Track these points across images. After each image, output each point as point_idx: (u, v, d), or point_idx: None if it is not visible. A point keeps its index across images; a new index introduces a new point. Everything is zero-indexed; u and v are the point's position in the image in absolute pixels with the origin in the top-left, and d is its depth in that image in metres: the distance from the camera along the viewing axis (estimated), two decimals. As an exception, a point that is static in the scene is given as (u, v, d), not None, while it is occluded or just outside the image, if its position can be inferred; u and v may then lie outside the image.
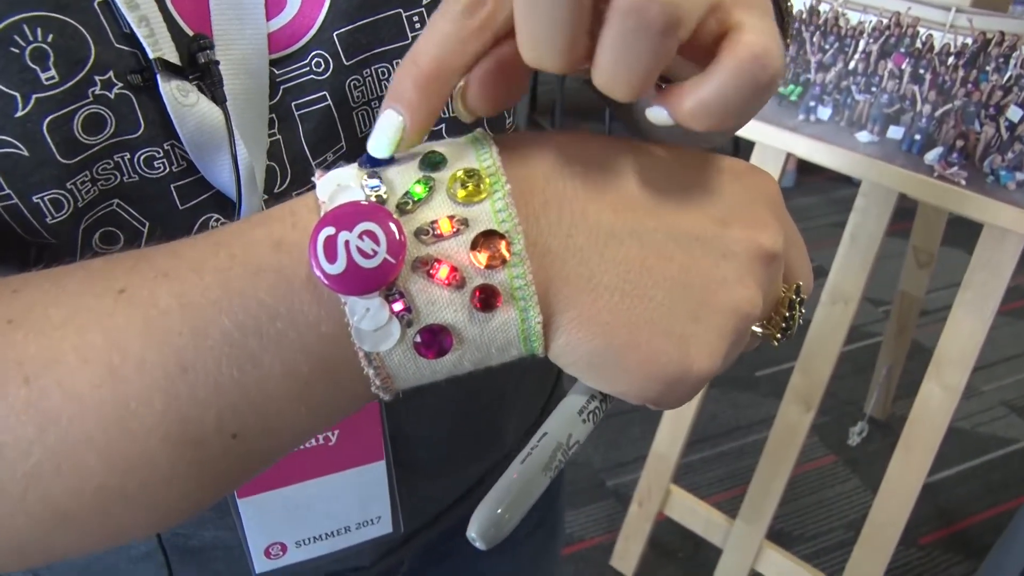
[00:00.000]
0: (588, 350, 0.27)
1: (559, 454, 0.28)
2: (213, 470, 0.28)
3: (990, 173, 1.10)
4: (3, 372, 0.26)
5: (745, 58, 0.25)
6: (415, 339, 0.26)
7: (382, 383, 0.27)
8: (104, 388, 0.26)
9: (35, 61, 0.31)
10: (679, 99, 0.26)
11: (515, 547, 0.69)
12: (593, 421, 0.30)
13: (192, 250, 0.28)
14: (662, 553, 1.66)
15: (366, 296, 0.26)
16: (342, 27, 0.36)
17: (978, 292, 1.14)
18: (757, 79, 0.25)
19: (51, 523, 0.27)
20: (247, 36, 0.35)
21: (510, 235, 0.26)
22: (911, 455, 1.23)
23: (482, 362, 0.28)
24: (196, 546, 0.50)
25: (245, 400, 0.27)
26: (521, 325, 0.27)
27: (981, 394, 2.04)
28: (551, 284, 0.27)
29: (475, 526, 0.27)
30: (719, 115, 0.26)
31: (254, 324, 0.26)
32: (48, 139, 0.32)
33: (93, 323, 0.26)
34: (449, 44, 0.26)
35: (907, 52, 1.16)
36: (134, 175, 0.35)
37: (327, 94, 0.37)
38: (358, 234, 0.25)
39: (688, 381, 0.28)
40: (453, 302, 0.26)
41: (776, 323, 0.33)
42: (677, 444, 1.48)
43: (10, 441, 0.26)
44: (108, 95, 0.33)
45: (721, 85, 0.25)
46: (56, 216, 0.34)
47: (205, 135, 0.35)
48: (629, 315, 0.27)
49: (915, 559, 1.66)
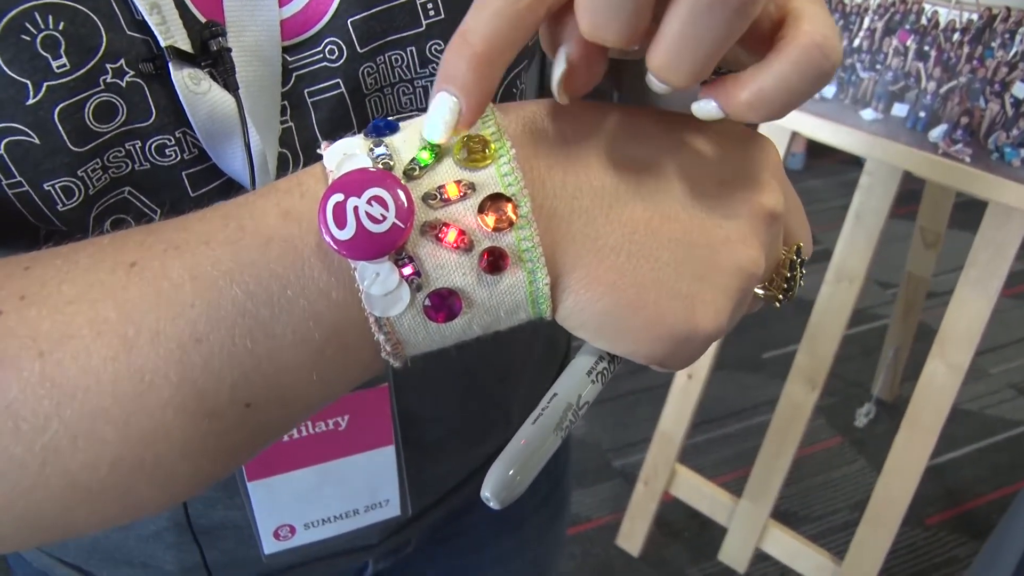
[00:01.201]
0: (596, 310, 0.28)
1: (569, 414, 0.29)
2: (227, 441, 0.28)
3: (995, 150, 1.10)
4: (18, 348, 0.26)
5: (808, 47, 0.24)
6: (425, 303, 0.27)
7: (392, 349, 0.28)
8: (119, 361, 0.26)
9: (46, 49, 0.31)
10: (735, 90, 0.26)
11: (521, 524, 0.69)
12: (602, 382, 0.30)
13: (201, 223, 0.28)
14: (668, 532, 1.67)
15: (376, 261, 0.26)
16: (356, 14, 0.36)
17: (983, 270, 1.14)
18: (820, 68, 0.25)
19: (69, 497, 0.27)
20: (259, 22, 0.35)
21: (516, 198, 0.27)
22: (916, 434, 1.23)
23: (491, 326, 0.28)
24: (205, 525, 0.50)
25: (258, 370, 0.27)
26: (529, 287, 0.27)
27: (988, 376, 2.04)
28: (558, 246, 0.27)
29: (489, 486, 0.27)
30: (779, 106, 0.26)
31: (265, 293, 0.26)
32: (59, 127, 0.32)
33: (106, 297, 0.26)
34: (503, 22, 0.25)
35: (912, 29, 1.16)
36: (145, 163, 0.35)
37: (340, 81, 0.37)
38: (367, 200, 0.26)
39: (695, 340, 0.28)
40: (462, 265, 0.26)
41: (778, 284, 0.33)
42: (683, 424, 1.48)
43: (27, 415, 0.26)
44: (120, 83, 0.33)
45: (783, 75, 0.25)
46: (67, 203, 0.34)
47: (217, 123, 0.35)
48: (635, 275, 0.27)
49: (921, 539, 1.67)
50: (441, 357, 0.50)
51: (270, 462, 0.48)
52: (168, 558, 0.52)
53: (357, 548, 0.57)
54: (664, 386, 1.54)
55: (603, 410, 1.95)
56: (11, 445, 0.26)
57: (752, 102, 0.26)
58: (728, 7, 0.23)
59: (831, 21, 0.25)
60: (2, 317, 0.26)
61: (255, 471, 0.48)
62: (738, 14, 0.23)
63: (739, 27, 0.23)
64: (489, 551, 0.68)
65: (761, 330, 2.16)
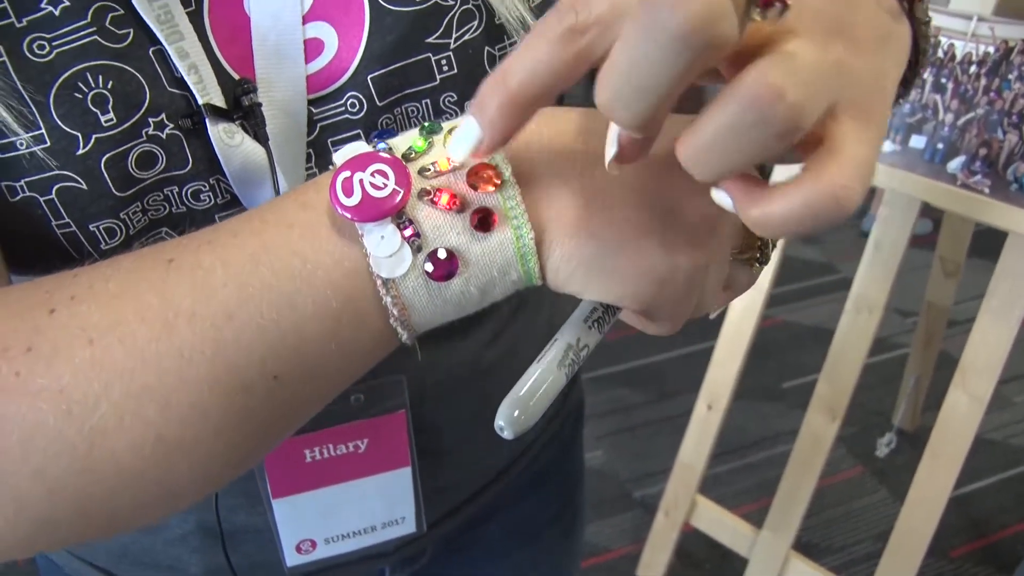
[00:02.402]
0: (581, 257, 0.30)
1: (571, 353, 0.32)
2: (258, 417, 0.31)
3: (1014, 181, 1.10)
4: (69, 338, 0.29)
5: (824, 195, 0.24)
6: (425, 265, 0.30)
7: (399, 314, 0.31)
8: (161, 341, 0.29)
9: (96, 105, 0.35)
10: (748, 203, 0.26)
11: (536, 536, 0.70)
12: (599, 329, 0.33)
13: (230, 223, 0.32)
14: (688, 563, 1.66)
15: (380, 224, 0.29)
16: (376, 71, 0.39)
17: (1003, 300, 1.14)
18: (830, 215, 0.24)
19: (115, 480, 0.30)
20: (287, 79, 0.38)
21: (500, 166, 0.30)
22: (938, 464, 1.22)
23: (487, 288, 0.31)
24: (228, 530, 0.52)
25: (284, 342, 0.30)
26: (516, 243, 0.30)
27: (1013, 405, 2.02)
28: (539, 204, 0.30)
29: (502, 415, 0.30)
30: (783, 232, 0.25)
31: (287, 269, 0.30)
32: (105, 174, 0.36)
33: (148, 289, 0.30)
34: (542, 70, 0.25)
35: (929, 62, 1.17)
36: (182, 206, 0.39)
37: (361, 133, 0.40)
38: (370, 173, 0.30)
39: (676, 279, 0.31)
40: (455, 225, 0.30)
41: (752, 245, 0.35)
42: (703, 454, 1.48)
43: (79, 398, 0.28)
44: (160, 135, 0.36)
45: (792, 208, 0.24)
46: (110, 243, 0.37)
47: (249, 172, 0.38)
48: (613, 221, 0.30)
49: (946, 571, 1.65)
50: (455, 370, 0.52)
51: (294, 481, 0.50)
52: (193, 561, 0.54)
53: (373, 555, 0.58)
54: (684, 416, 1.54)
55: (622, 440, 1.95)
56: (64, 427, 0.28)
57: (758, 222, 0.26)
58: (770, 131, 0.22)
59: (870, 160, 0.25)
60: (55, 314, 0.29)
61: (280, 489, 0.50)
62: (779, 139, 0.23)
63: (775, 149, 0.23)
64: (504, 562, 0.69)
65: (781, 359, 2.15)
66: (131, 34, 0.35)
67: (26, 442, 0.28)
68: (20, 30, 0.33)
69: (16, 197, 0.35)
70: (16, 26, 0.33)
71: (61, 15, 0.34)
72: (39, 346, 0.29)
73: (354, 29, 0.39)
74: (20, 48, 0.34)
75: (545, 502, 0.70)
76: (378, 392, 0.49)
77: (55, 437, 0.28)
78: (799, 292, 2.40)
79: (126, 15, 0.35)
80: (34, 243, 0.37)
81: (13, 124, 0.34)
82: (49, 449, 0.28)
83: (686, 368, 1.96)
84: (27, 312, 0.30)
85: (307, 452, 0.50)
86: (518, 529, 0.68)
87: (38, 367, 0.28)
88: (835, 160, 0.24)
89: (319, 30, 0.38)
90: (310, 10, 0.38)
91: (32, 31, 0.34)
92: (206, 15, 0.37)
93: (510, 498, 0.66)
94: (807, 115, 0.22)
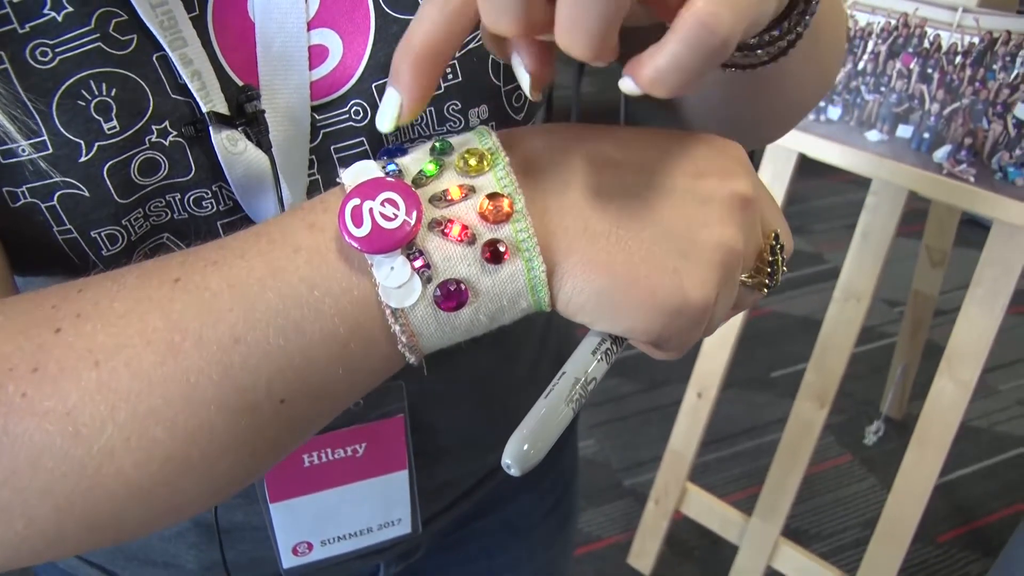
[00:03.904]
0: (592, 290, 0.30)
1: (578, 387, 0.31)
2: (264, 436, 0.31)
3: (998, 170, 1.11)
4: (76, 359, 0.29)
5: (693, 25, 0.25)
6: (435, 294, 0.30)
7: (408, 341, 0.30)
8: (167, 365, 0.29)
9: (99, 113, 0.34)
10: (639, 68, 0.27)
11: (530, 531, 0.70)
12: (607, 360, 0.33)
13: (236, 241, 0.31)
14: (679, 551, 1.67)
15: (389, 255, 0.29)
16: (380, 79, 0.39)
17: (989, 288, 1.15)
18: (708, 44, 0.25)
19: (123, 496, 0.30)
20: (291, 86, 0.38)
21: (512, 196, 0.30)
22: (925, 451, 1.24)
23: (496, 316, 0.31)
24: (225, 527, 0.52)
25: (291, 365, 0.30)
26: (528, 274, 0.30)
27: (998, 393, 2.04)
28: (552, 236, 0.30)
29: (508, 453, 0.30)
30: (675, 81, 0.26)
31: (295, 295, 0.29)
32: (107, 182, 0.35)
33: (154, 310, 0.29)
34: (436, 27, 0.28)
35: (915, 52, 1.18)
36: (183, 213, 0.38)
37: (365, 140, 0.40)
38: (380, 202, 0.29)
39: (686, 313, 0.31)
40: (466, 256, 0.30)
41: (762, 271, 0.36)
42: (693, 443, 1.49)
43: (86, 420, 0.28)
44: (163, 142, 0.36)
45: (675, 54, 0.25)
46: (111, 249, 0.37)
47: (252, 179, 0.38)
48: (625, 255, 0.30)
49: (932, 557, 1.67)
50: (453, 372, 0.52)
51: (292, 485, 0.50)
52: (189, 557, 0.54)
53: (368, 554, 0.58)
54: (674, 405, 1.55)
55: (613, 430, 1.96)
56: (71, 448, 0.28)
57: (654, 79, 0.26)
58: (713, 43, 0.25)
59: None
60: (60, 334, 0.29)
61: (277, 493, 0.50)
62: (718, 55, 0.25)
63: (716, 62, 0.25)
64: (499, 557, 0.70)
65: (770, 349, 2.16)
66: (134, 40, 0.35)
67: (34, 462, 0.28)
68: (22, 36, 0.33)
69: (17, 203, 0.35)
70: (18, 32, 0.33)
71: (64, 21, 0.33)
72: (45, 366, 0.29)
73: (359, 37, 0.38)
74: (23, 55, 0.33)
75: (540, 497, 0.71)
76: (378, 397, 0.49)
77: (63, 457, 0.28)
78: (788, 282, 2.41)
79: (129, 21, 0.34)
80: (35, 248, 0.36)
81: (14, 132, 0.33)
82: (57, 469, 0.28)
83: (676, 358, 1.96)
84: (32, 329, 0.29)
85: (305, 457, 0.49)
86: (513, 524, 0.69)
87: (45, 388, 0.28)
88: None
89: (324, 37, 0.38)
90: (315, 17, 0.38)
91: (35, 37, 0.33)
92: (210, 20, 0.36)
93: (505, 494, 0.66)
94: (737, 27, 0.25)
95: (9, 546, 0.30)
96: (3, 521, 0.29)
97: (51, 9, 0.33)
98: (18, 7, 0.33)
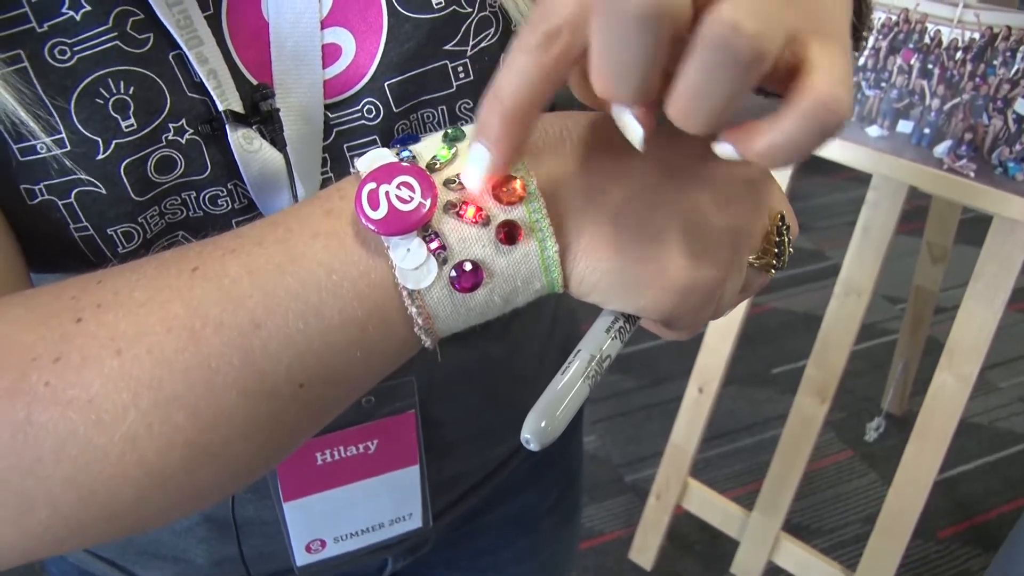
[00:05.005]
0: (605, 269, 0.31)
1: (594, 364, 0.32)
2: (283, 421, 0.31)
3: (998, 165, 1.12)
4: (98, 348, 0.29)
5: (815, 107, 0.25)
6: (451, 275, 0.30)
7: (424, 323, 0.31)
8: (188, 351, 0.29)
9: (117, 111, 0.35)
10: (750, 141, 0.27)
11: (536, 525, 0.71)
12: (620, 338, 0.33)
13: (253, 230, 0.31)
14: (680, 546, 1.67)
15: (405, 237, 0.30)
16: (392, 77, 0.39)
17: (989, 283, 1.16)
18: (827, 125, 0.25)
19: (145, 483, 0.30)
20: (305, 84, 0.38)
21: (524, 178, 0.30)
22: (925, 446, 1.24)
23: (510, 297, 0.32)
24: (237, 522, 0.53)
25: (310, 349, 0.30)
26: (541, 255, 0.31)
27: (999, 390, 2.04)
28: (564, 218, 0.31)
29: (528, 427, 0.30)
30: (788, 157, 0.27)
31: (313, 280, 0.30)
32: (124, 179, 0.35)
33: (174, 298, 0.30)
34: (528, 80, 0.27)
35: (916, 48, 1.18)
36: (199, 211, 0.38)
37: (377, 138, 0.40)
38: (396, 185, 0.30)
39: (697, 291, 0.31)
40: (480, 238, 0.30)
41: (769, 252, 0.36)
42: (694, 438, 1.50)
43: (108, 407, 0.29)
44: (180, 140, 0.36)
45: (792, 132, 0.26)
46: (127, 247, 0.37)
47: (267, 177, 0.38)
48: (636, 235, 0.31)
49: (933, 552, 1.67)
50: (462, 366, 0.52)
51: (305, 483, 0.51)
52: (199, 552, 0.54)
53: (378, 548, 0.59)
54: (675, 401, 1.55)
55: (615, 425, 1.96)
56: (94, 436, 0.29)
57: (765, 153, 0.27)
58: (738, 64, 0.24)
59: (845, 70, 0.26)
60: (82, 323, 0.29)
61: (291, 492, 0.50)
62: (748, 70, 0.24)
63: (748, 81, 0.24)
64: (505, 551, 0.70)
65: (771, 345, 2.17)
66: (151, 39, 0.35)
67: (58, 450, 0.28)
68: (41, 35, 0.33)
69: (35, 200, 0.35)
70: (37, 31, 0.33)
71: (83, 20, 0.34)
72: (68, 355, 0.29)
73: (372, 35, 0.38)
74: (42, 54, 0.33)
75: (545, 491, 0.71)
76: (388, 393, 0.49)
77: (86, 445, 0.29)
78: (789, 279, 2.42)
79: (146, 19, 0.35)
80: (52, 245, 0.37)
81: (37, 130, 0.33)
82: (80, 457, 0.29)
83: (678, 354, 1.97)
84: (54, 319, 0.30)
85: (318, 455, 0.50)
86: (519, 518, 0.69)
87: (68, 377, 0.29)
88: (815, 74, 0.25)
89: (337, 36, 0.38)
90: (328, 15, 0.38)
91: (53, 36, 0.33)
92: (224, 19, 0.37)
93: (511, 488, 0.67)
94: (768, 41, 0.24)
95: (32, 536, 0.30)
96: (27, 510, 0.29)
97: (69, 8, 0.33)
98: (36, 6, 0.33)
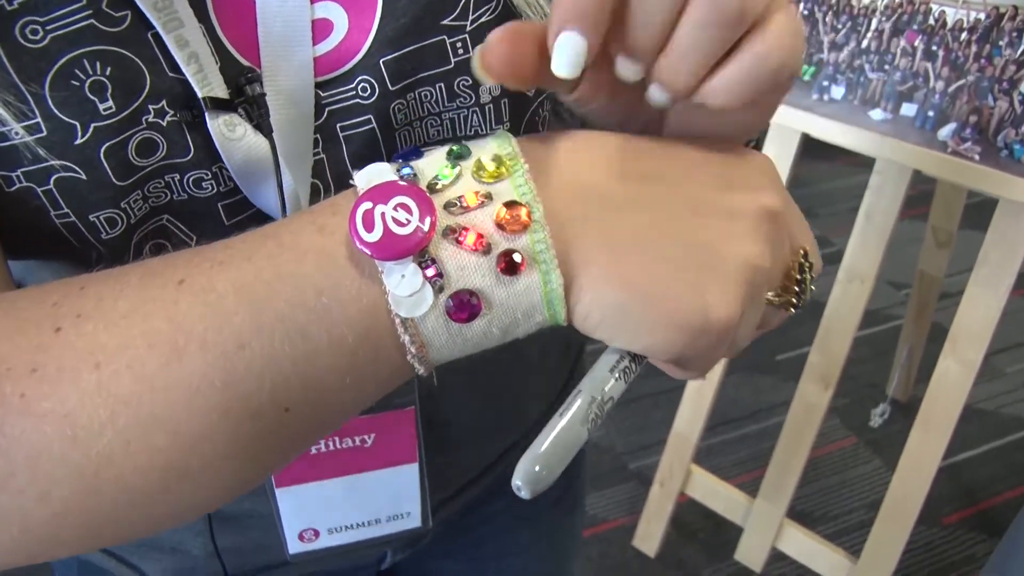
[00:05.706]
0: (611, 305, 0.29)
1: (594, 407, 0.30)
2: (267, 444, 0.30)
3: (1004, 147, 1.10)
4: (76, 360, 0.28)
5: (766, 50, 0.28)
6: (447, 304, 0.28)
7: (417, 351, 0.29)
8: (170, 368, 0.28)
9: (94, 93, 0.33)
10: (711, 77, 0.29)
11: (538, 518, 0.71)
12: (625, 379, 0.31)
13: (243, 243, 0.30)
14: (684, 533, 1.67)
15: (401, 262, 0.28)
16: (388, 54, 0.37)
17: (994, 268, 1.15)
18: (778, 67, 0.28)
19: (122, 501, 0.29)
20: (294, 64, 0.36)
21: (530, 205, 0.29)
22: (929, 432, 1.24)
23: (509, 329, 0.30)
24: (233, 514, 0.53)
25: (296, 373, 0.29)
26: (544, 288, 0.29)
27: (1005, 375, 2.03)
28: (571, 249, 0.29)
29: (519, 475, 0.28)
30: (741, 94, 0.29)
31: (302, 300, 0.28)
32: (104, 164, 0.34)
33: (157, 311, 0.28)
34: None
35: (920, 29, 1.17)
36: (183, 194, 0.37)
37: (372, 117, 0.38)
38: (393, 206, 0.28)
39: (710, 331, 0.29)
40: (480, 267, 0.28)
41: (790, 290, 0.34)
42: (698, 425, 1.49)
43: (84, 423, 0.27)
44: (160, 122, 0.35)
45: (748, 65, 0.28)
46: (111, 232, 0.36)
47: (252, 165, 0.37)
48: (648, 270, 0.29)
49: (938, 538, 1.66)
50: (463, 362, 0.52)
51: (297, 471, 0.50)
52: (197, 543, 0.54)
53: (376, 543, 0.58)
54: (678, 389, 1.55)
55: (618, 413, 1.96)
56: (69, 452, 0.27)
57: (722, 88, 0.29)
58: (724, 24, 0.27)
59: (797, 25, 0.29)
60: (61, 333, 0.28)
61: (283, 478, 0.50)
62: (730, 29, 0.27)
63: (729, 38, 0.27)
64: (506, 541, 0.70)
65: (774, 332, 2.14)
66: (128, 16, 0.33)
67: (31, 464, 0.27)
68: (10, 13, 0.31)
69: (12, 188, 0.33)
70: (7, 8, 0.31)
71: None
72: (44, 367, 0.28)
73: (366, 10, 0.37)
74: (12, 33, 0.31)
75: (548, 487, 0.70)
76: None
77: (60, 461, 0.27)
78: (793, 266, 2.40)
79: None
80: (33, 233, 0.35)
81: (7, 116, 0.32)
82: (55, 473, 0.28)
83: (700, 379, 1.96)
84: (32, 328, 0.28)
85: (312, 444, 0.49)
86: (520, 510, 0.68)
87: (43, 389, 0.27)
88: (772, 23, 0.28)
89: (328, 10, 0.36)
90: None
91: (24, 15, 0.31)
92: None
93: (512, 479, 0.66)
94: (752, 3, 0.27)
95: (4, 550, 0.29)
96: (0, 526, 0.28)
97: None
98: None
